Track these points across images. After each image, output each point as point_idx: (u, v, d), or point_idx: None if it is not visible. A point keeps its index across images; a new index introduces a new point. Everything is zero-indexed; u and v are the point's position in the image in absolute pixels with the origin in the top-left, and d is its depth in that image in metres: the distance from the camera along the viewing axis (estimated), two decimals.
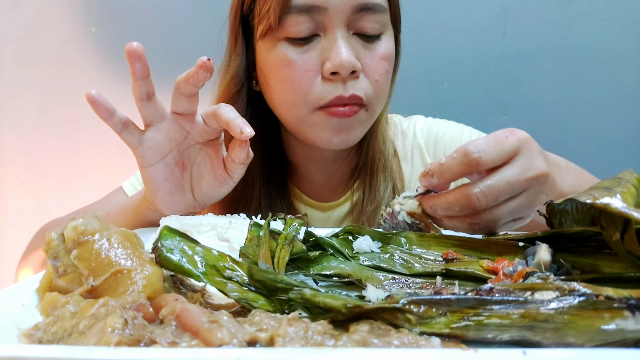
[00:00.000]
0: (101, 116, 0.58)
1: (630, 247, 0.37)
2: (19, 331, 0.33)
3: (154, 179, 0.63)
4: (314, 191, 0.86)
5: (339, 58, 0.67)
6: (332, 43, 0.68)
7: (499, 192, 0.47)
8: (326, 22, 0.68)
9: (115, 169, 1.37)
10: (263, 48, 0.73)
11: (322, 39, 0.70)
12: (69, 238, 0.38)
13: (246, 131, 0.58)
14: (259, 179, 0.80)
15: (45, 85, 1.49)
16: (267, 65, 0.73)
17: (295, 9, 0.68)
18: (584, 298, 0.31)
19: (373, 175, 0.81)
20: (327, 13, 0.68)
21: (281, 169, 0.85)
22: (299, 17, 0.68)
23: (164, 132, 0.62)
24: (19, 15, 1.48)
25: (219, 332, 0.29)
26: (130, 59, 0.56)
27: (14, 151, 1.52)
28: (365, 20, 0.70)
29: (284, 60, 0.70)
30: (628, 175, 0.45)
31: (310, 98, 0.70)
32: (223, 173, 0.65)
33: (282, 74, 0.71)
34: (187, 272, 0.37)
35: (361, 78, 0.71)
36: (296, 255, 0.45)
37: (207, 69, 0.57)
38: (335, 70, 0.68)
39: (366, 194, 0.81)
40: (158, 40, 1.43)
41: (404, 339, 0.31)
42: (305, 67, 0.69)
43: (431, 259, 0.48)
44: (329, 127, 0.72)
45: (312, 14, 0.68)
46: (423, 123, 0.92)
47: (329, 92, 0.69)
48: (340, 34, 0.68)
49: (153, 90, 0.59)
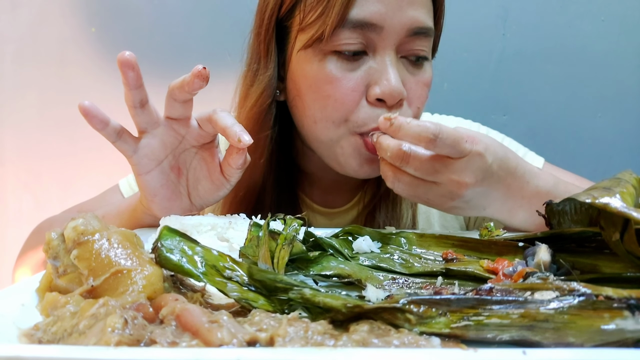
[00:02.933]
0: (95, 127, 0.57)
1: (630, 247, 0.37)
2: (19, 331, 0.33)
3: (150, 186, 0.62)
4: (322, 197, 0.85)
5: (389, 85, 0.64)
6: (383, 67, 0.65)
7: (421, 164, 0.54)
8: (378, 41, 0.65)
9: (115, 169, 1.37)
10: (303, 59, 0.68)
11: (371, 59, 0.66)
12: (69, 238, 0.38)
13: (244, 139, 0.56)
14: (271, 188, 0.78)
15: (45, 86, 1.49)
16: (306, 79, 0.68)
17: (350, 24, 0.64)
18: (583, 298, 0.31)
19: (396, 204, 0.79)
20: (382, 32, 0.64)
21: (291, 176, 0.82)
22: (352, 33, 0.64)
23: (158, 139, 0.61)
24: (19, 15, 1.48)
25: (219, 332, 0.29)
26: (122, 68, 0.55)
27: (14, 151, 1.52)
28: (416, 45, 0.67)
29: (329, 77, 0.66)
30: (627, 176, 0.45)
31: (352, 119, 0.67)
32: (220, 177, 0.64)
33: (324, 91, 0.66)
34: (187, 272, 0.37)
35: (405, 106, 0.68)
36: (296, 256, 0.45)
37: (203, 78, 0.55)
38: (383, 97, 0.65)
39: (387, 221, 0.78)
40: (158, 40, 1.43)
41: (404, 339, 0.31)
42: (351, 86, 0.66)
43: (431, 259, 0.49)
44: (362, 156, 0.68)
45: (366, 31, 0.64)
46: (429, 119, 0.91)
47: (372, 118, 0.66)
48: (390, 57, 0.65)
49: (147, 97, 0.58)
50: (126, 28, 1.45)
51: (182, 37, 1.43)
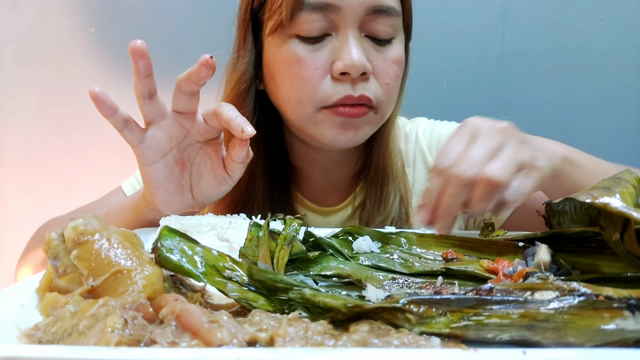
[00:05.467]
0: (104, 113, 0.58)
1: (630, 247, 0.37)
2: (19, 331, 0.33)
3: (154, 177, 0.63)
4: (315, 195, 0.86)
5: (350, 58, 0.66)
6: (344, 43, 0.68)
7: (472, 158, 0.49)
8: (339, 21, 0.68)
9: (115, 169, 1.37)
10: (272, 44, 0.72)
11: (334, 38, 0.69)
12: (69, 238, 0.38)
13: (247, 130, 0.58)
14: (262, 182, 0.80)
15: (45, 85, 1.49)
16: (275, 61, 0.72)
17: (308, 6, 0.67)
18: (583, 298, 0.31)
19: (383, 187, 0.80)
20: (340, 12, 0.67)
21: (284, 172, 0.84)
22: (312, 15, 0.67)
23: (164, 131, 0.62)
24: (19, 15, 1.48)
25: (219, 332, 0.29)
26: (134, 56, 0.56)
27: (14, 151, 1.52)
28: (379, 23, 0.69)
29: (294, 57, 0.69)
30: (627, 175, 0.45)
31: (318, 96, 0.69)
32: (222, 172, 0.65)
33: (291, 71, 0.70)
34: (187, 272, 0.37)
35: (371, 80, 0.70)
36: (296, 256, 0.45)
37: (210, 66, 0.56)
38: (345, 70, 0.67)
39: (375, 205, 0.80)
40: (158, 40, 1.43)
41: (404, 339, 0.31)
42: (315, 65, 0.69)
43: (431, 259, 0.49)
44: (335, 125, 0.71)
45: (326, 12, 0.67)
46: (425, 126, 0.91)
47: (337, 91, 0.68)
48: (352, 34, 0.68)
49: (155, 88, 0.59)
50: (126, 28, 1.45)
51: (182, 37, 1.43)
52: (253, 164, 0.75)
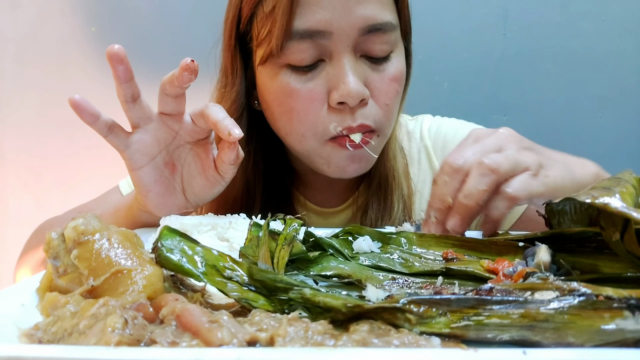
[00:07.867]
0: (85, 121, 0.57)
1: (630, 247, 0.37)
2: (19, 331, 0.33)
3: (144, 181, 0.61)
4: (316, 196, 0.85)
5: (346, 88, 0.63)
6: (339, 70, 0.64)
7: None
8: (331, 47, 0.64)
9: (115, 169, 1.37)
10: (264, 74, 0.68)
11: (327, 64, 0.65)
12: (69, 238, 0.38)
13: (234, 133, 0.56)
14: (262, 183, 0.78)
15: (45, 86, 1.49)
16: (269, 93, 0.69)
17: (297, 35, 0.63)
18: (584, 298, 0.31)
19: (387, 197, 0.78)
20: (332, 38, 0.63)
21: (284, 176, 0.83)
22: (302, 44, 0.63)
23: (151, 134, 0.61)
24: (19, 15, 1.48)
25: (219, 332, 0.29)
26: (112, 61, 0.55)
27: (14, 151, 1.52)
28: (374, 42, 0.65)
29: (287, 90, 0.66)
30: (627, 176, 0.45)
31: (319, 130, 0.67)
32: (214, 173, 0.63)
33: (286, 104, 0.67)
34: (187, 272, 0.37)
35: (370, 104, 0.67)
36: (296, 256, 0.45)
37: (191, 70, 0.55)
38: (342, 100, 0.64)
39: (379, 214, 0.78)
40: (158, 40, 1.43)
41: (404, 338, 0.31)
42: (311, 96, 0.65)
43: (431, 259, 0.48)
44: (342, 158, 0.68)
45: (316, 39, 0.63)
46: (430, 123, 0.89)
47: (336, 122, 0.66)
48: (346, 59, 0.64)
49: (138, 92, 0.58)
50: (126, 28, 1.45)
51: (182, 37, 1.43)
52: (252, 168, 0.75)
